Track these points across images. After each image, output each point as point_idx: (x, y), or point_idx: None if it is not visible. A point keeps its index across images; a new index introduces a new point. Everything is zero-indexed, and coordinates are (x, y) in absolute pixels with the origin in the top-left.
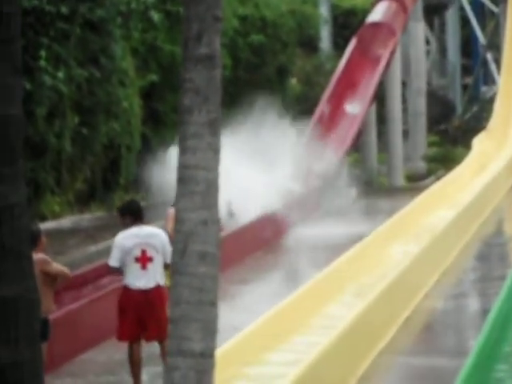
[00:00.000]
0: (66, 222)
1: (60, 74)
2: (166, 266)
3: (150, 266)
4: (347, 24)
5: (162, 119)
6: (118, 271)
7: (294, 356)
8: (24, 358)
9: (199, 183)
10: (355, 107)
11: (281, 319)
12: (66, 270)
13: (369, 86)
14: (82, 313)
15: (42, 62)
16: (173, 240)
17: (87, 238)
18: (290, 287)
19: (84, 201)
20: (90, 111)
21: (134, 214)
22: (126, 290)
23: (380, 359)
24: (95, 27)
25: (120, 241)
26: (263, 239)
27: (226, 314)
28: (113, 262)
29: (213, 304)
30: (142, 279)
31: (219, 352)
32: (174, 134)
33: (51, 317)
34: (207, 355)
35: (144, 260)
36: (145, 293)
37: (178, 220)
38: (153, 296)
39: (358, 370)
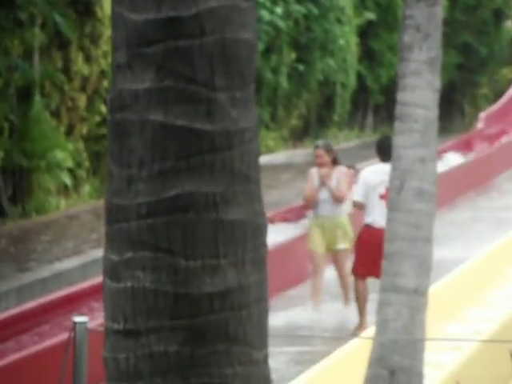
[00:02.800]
0: (279, 156)
1: (278, 10)
2: None
3: None
4: None
5: (377, 58)
6: (361, 207)
7: (502, 302)
8: (250, 282)
9: (418, 121)
10: None
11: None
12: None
13: None
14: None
15: None
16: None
17: (300, 173)
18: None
19: (298, 136)
20: (307, 47)
21: (382, 151)
22: (369, 227)
23: None
24: None
25: (365, 176)
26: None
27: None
28: (357, 196)
29: (428, 241)
30: (385, 217)
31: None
32: (389, 73)
33: None
34: (420, 292)
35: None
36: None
37: (395, 157)
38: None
39: None
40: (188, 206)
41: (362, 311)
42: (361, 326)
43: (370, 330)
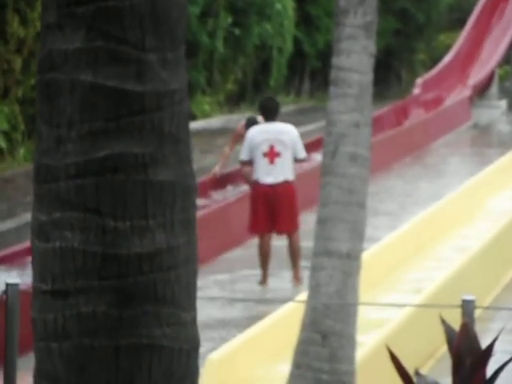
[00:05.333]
0: (215, 121)
1: None
2: (298, 161)
3: (278, 161)
4: None
5: (314, 23)
6: (249, 164)
7: (438, 264)
8: (179, 243)
9: (352, 86)
10: (509, 19)
11: (426, 226)
12: None
13: None
14: (227, 211)
15: None
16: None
17: None
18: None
19: (234, 101)
20: (243, 11)
21: (266, 111)
22: (256, 184)
23: None
24: None
25: (249, 136)
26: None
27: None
28: (243, 155)
29: (361, 206)
30: (271, 174)
31: (364, 255)
32: (326, 38)
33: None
34: (353, 257)
35: (272, 155)
36: (273, 187)
37: (330, 122)
38: (282, 190)
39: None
40: (117, 166)
41: (264, 267)
42: (264, 281)
43: (303, 295)
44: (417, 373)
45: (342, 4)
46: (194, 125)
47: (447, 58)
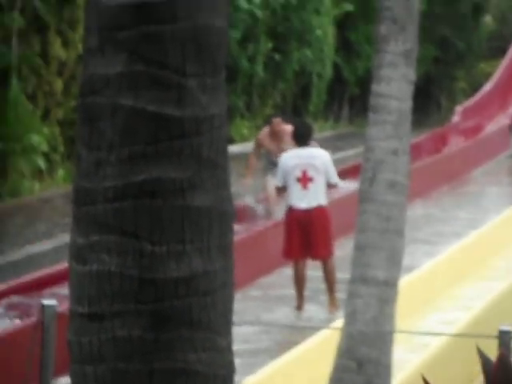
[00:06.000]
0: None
1: None
2: (330, 186)
3: (311, 186)
4: None
5: (354, 49)
6: (284, 190)
7: (477, 293)
8: (215, 268)
9: (391, 113)
10: None
11: (462, 258)
12: None
13: None
14: (263, 236)
15: None
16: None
17: None
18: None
19: None
20: (284, 37)
21: (298, 136)
22: (290, 209)
23: None
24: None
25: (283, 161)
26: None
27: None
28: (277, 181)
29: (399, 233)
30: (304, 199)
31: (401, 283)
32: (366, 64)
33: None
34: (391, 284)
35: (305, 180)
36: (307, 212)
37: (368, 148)
38: (316, 215)
39: None
40: (155, 191)
41: (299, 292)
42: (299, 307)
43: (340, 321)
44: None
45: (382, 31)
46: (233, 149)
47: (487, 86)
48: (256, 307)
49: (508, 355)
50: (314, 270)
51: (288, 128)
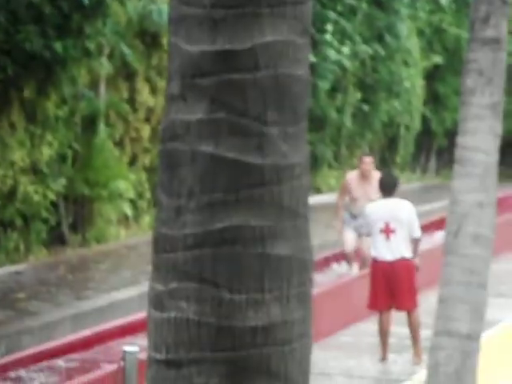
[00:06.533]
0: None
1: (345, 49)
2: (413, 240)
3: (393, 237)
4: None
5: (442, 101)
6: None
7: None
8: (294, 317)
9: (477, 165)
10: None
11: None
12: None
13: None
14: (349, 286)
15: (328, 36)
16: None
17: None
18: None
19: None
20: (372, 88)
21: (384, 187)
22: (375, 261)
23: None
24: (382, 4)
25: (368, 212)
26: None
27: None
28: (364, 230)
29: (483, 286)
30: (388, 251)
31: (484, 336)
32: (454, 116)
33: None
34: (473, 337)
35: (387, 232)
36: (391, 264)
37: (453, 201)
38: (399, 267)
39: None
40: (235, 238)
41: (384, 343)
42: (383, 358)
43: (422, 374)
44: None
45: (468, 83)
46: (320, 198)
47: None
48: (339, 358)
49: None
50: (400, 325)
51: (377, 174)
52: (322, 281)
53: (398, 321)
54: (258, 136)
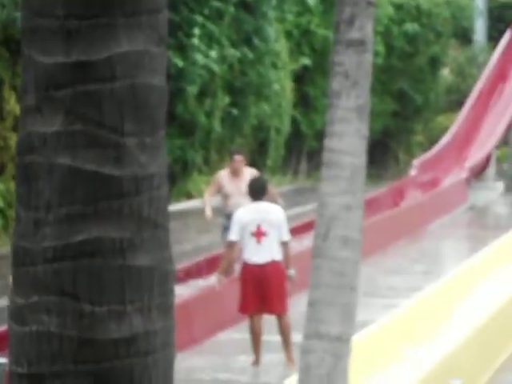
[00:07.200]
0: (212, 200)
1: (212, 53)
2: (282, 244)
3: (264, 240)
4: (502, 17)
5: (312, 104)
6: (236, 244)
7: (430, 348)
8: (156, 328)
9: (344, 168)
10: (506, 101)
11: (420, 311)
12: None
13: None
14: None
15: (195, 40)
16: None
17: None
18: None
19: None
20: (241, 92)
21: (253, 191)
22: (245, 264)
23: None
24: (249, 8)
25: (237, 216)
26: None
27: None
28: (232, 236)
29: (352, 289)
30: (258, 254)
31: (355, 338)
32: (324, 119)
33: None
34: (344, 339)
35: (259, 235)
36: (261, 267)
37: (321, 204)
38: (270, 270)
39: (496, 362)
40: (95, 251)
41: (256, 347)
42: (256, 362)
43: (294, 377)
44: None
45: (334, 86)
46: (191, 204)
47: (444, 140)
48: (212, 364)
49: None
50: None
51: (248, 170)
52: (194, 286)
53: (270, 324)
54: (116, 147)
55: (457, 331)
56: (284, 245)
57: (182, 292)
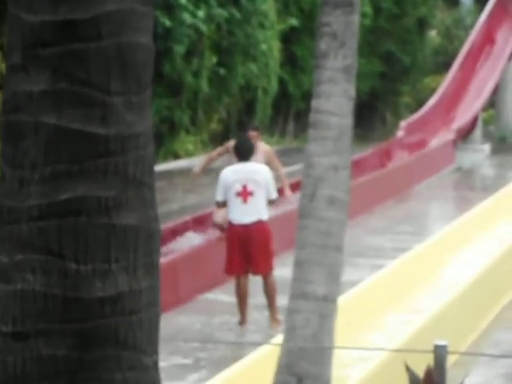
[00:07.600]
0: (198, 161)
1: (200, 13)
2: (270, 202)
3: (251, 200)
4: None
5: (299, 64)
6: (223, 205)
7: (416, 308)
8: (141, 287)
9: (331, 128)
10: (493, 63)
11: (405, 272)
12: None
13: (508, 42)
14: (208, 251)
15: (183, 0)
16: None
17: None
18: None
19: (218, 141)
20: (228, 52)
21: (240, 151)
22: (231, 225)
23: (505, 314)
24: None
25: (223, 176)
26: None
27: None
28: (217, 197)
29: (338, 249)
30: (244, 214)
31: (342, 298)
32: (312, 79)
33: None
34: (330, 299)
35: (245, 195)
36: (247, 227)
37: (308, 164)
38: (256, 230)
39: (482, 323)
40: (80, 209)
41: (242, 308)
42: (242, 322)
43: (280, 337)
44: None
45: (321, 47)
46: (178, 164)
47: (431, 101)
48: (198, 323)
49: (435, 371)
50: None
51: (263, 146)
52: (180, 246)
53: (255, 285)
54: (102, 106)
55: (442, 292)
56: (272, 202)
57: (169, 251)
